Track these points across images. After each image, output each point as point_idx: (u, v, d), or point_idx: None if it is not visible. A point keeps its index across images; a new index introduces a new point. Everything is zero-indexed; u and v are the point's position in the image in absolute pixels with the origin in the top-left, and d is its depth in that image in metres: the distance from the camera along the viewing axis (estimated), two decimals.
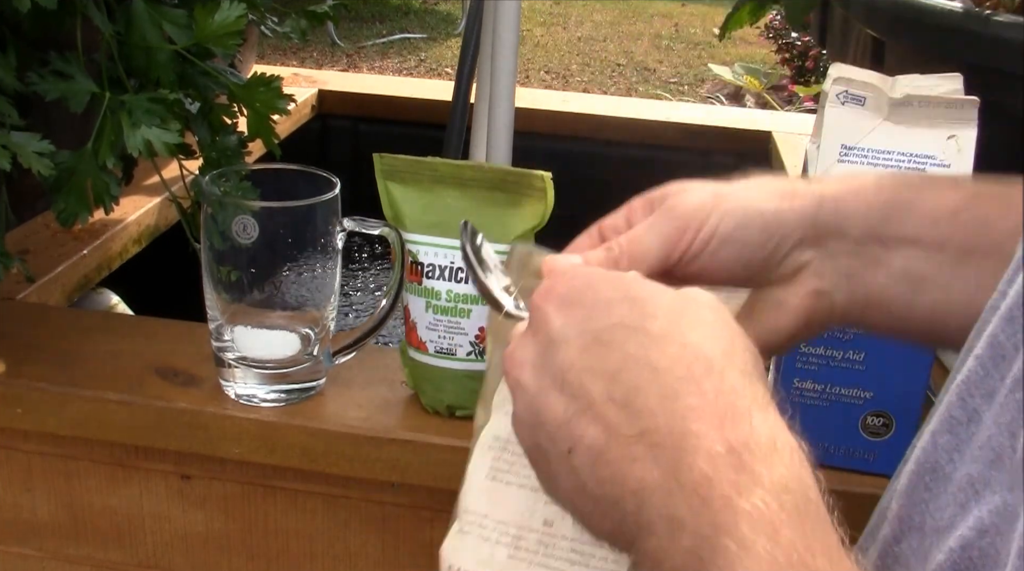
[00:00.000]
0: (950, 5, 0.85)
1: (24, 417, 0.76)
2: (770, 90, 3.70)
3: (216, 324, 0.72)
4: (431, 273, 0.70)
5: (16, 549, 0.83)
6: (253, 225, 0.68)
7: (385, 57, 5.27)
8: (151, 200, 1.08)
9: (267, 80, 0.80)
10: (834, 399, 0.68)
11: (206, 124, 0.81)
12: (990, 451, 0.33)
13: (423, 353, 0.72)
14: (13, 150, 0.69)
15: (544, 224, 0.69)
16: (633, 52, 5.72)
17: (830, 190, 0.50)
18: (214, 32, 0.75)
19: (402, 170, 0.71)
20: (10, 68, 0.72)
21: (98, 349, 0.79)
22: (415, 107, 1.48)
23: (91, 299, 1.01)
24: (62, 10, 0.71)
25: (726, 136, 1.44)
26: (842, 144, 0.62)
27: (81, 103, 0.74)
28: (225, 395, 0.74)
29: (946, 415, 0.37)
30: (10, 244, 0.79)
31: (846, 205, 0.49)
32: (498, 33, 0.96)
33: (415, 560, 0.77)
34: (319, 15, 0.90)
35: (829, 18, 1.08)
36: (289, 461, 0.73)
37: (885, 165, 0.61)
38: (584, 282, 0.43)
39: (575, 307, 0.42)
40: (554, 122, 1.46)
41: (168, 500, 0.79)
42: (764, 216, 0.50)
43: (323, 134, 1.52)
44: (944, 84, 0.63)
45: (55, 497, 0.80)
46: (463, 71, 1.06)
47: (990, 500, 0.31)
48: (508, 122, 0.98)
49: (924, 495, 0.38)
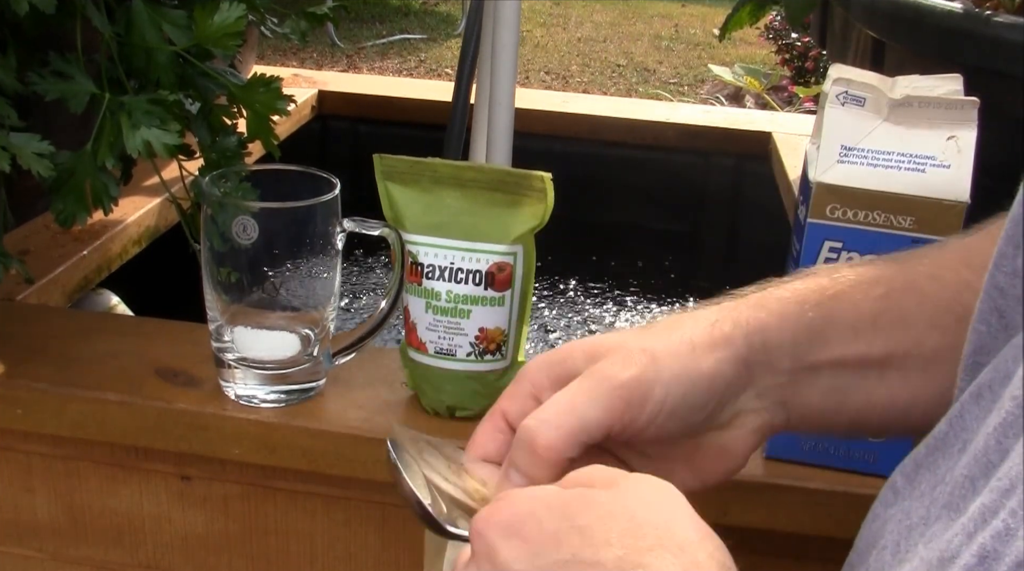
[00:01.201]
0: (950, 5, 0.85)
1: (24, 418, 0.76)
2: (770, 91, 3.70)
3: (216, 325, 0.72)
4: (431, 274, 0.70)
5: (16, 549, 0.83)
6: (253, 226, 0.68)
7: (385, 58, 5.27)
8: (151, 201, 1.08)
9: (267, 81, 0.80)
10: None
11: (206, 125, 0.81)
12: (1007, 481, 0.33)
13: (423, 354, 0.72)
14: (12, 151, 0.69)
15: (544, 224, 0.69)
16: (633, 53, 5.72)
17: (755, 321, 0.49)
18: (214, 33, 0.75)
19: (402, 171, 0.71)
20: (10, 69, 0.72)
21: (98, 350, 0.79)
22: (415, 108, 1.48)
23: (91, 300, 1.01)
24: (61, 11, 0.71)
25: (726, 137, 1.44)
26: (842, 145, 0.62)
27: (81, 104, 0.74)
28: (225, 396, 0.74)
29: (984, 459, 0.36)
30: (10, 245, 0.79)
31: (772, 337, 0.49)
32: (498, 34, 0.96)
33: (415, 560, 0.77)
34: (319, 16, 0.90)
35: (829, 19, 1.08)
36: (289, 462, 0.73)
37: (885, 165, 0.61)
38: (527, 510, 0.41)
39: (520, 539, 0.40)
40: (554, 123, 1.46)
41: (168, 501, 0.79)
42: (704, 378, 0.48)
43: (323, 135, 1.52)
44: (944, 85, 0.63)
45: (55, 498, 0.80)
46: (463, 72, 1.05)
47: (994, 526, 0.31)
48: (508, 123, 0.98)
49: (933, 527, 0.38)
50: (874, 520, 0.42)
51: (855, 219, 0.62)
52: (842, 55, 1.02)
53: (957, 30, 0.82)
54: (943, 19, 0.83)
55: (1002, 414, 0.35)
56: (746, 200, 1.46)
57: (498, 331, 0.71)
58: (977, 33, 0.80)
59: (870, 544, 0.41)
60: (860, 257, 0.62)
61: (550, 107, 1.47)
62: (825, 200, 0.62)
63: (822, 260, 0.63)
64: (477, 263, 0.70)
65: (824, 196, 0.62)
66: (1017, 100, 0.77)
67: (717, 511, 0.69)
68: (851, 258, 0.63)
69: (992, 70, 0.78)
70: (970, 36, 0.81)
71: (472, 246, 0.70)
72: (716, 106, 3.41)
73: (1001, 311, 0.38)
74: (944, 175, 0.60)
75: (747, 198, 1.45)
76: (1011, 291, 0.37)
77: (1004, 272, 0.38)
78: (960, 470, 0.36)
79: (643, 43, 5.93)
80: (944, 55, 0.82)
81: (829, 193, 0.61)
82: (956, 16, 0.83)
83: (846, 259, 0.63)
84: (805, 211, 0.63)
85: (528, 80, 5.07)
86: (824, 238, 0.63)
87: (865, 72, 0.64)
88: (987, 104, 0.60)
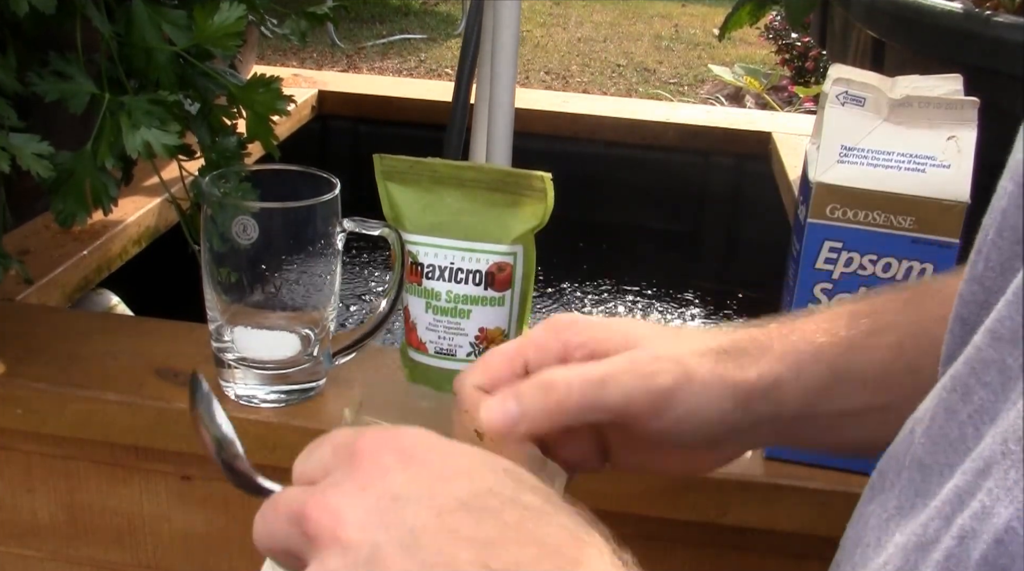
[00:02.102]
0: (950, 5, 0.85)
1: (24, 417, 0.76)
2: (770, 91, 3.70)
3: (216, 325, 0.72)
4: (431, 274, 0.70)
5: (16, 549, 0.83)
6: (253, 226, 0.68)
7: (385, 58, 5.27)
8: (151, 201, 1.08)
9: (267, 81, 0.80)
10: None
11: (206, 125, 0.81)
12: (982, 462, 0.33)
13: (423, 354, 0.72)
14: (12, 152, 0.69)
15: (544, 224, 0.69)
16: (633, 53, 5.72)
17: (774, 376, 0.51)
18: (214, 33, 0.75)
19: (402, 171, 0.71)
20: (10, 70, 0.72)
21: (98, 350, 0.79)
22: (415, 108, 1.48)
23: (91, 300, 1.01)
24: (61, 11, 0.71)
25: (726, 137, 1.44)
26: (842, 145, 0.62)
27: (81, 104, 0.74)
28: (225, 396, 0.74)
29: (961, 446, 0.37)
30: (10, 245, 0.79)
31: (786, 392, 0.51)
32: (498, 34, 0.96)
33: None
34: (319, 16, 0.90)
35: (829, 19, 1.08)
36: (289, 462, 0.73)
37: (885, 166, 0.61)
38: (431, 443, 0.38)
39: (422, 467, 0.37)
40: (554, 123, 1.46)
41: (168, 501, 0.79)
42: (717, 417, 0.50)
43: (323, 135, 1.52)
44: (944, 85, 0.63)
45: (55, 497, 0.80)
46: (463, 72, 1.05)
47: (972, 507, 0.31)
48: (508, 123, 0.98)
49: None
50: (857, 519, 0.42)
51: (855, 219, 0.62)
52: (842, 55, 1.02)
53: (957, 30, 0.82)
54: (943, 19, 0.83)
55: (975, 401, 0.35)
56: (746, 200, 1.46)
57: (498, 331, 0.71)
58: (977, 33, 0.80)
59: (855, 542, 0.41)
60: (860, 257, 0.63)
61: (550, 107, 1.47)
62: (825, 200, 0.62)
63: (822, 260, 0.63)
64: (477, 263, 0.70)
65: (824, 196, 0.62)
66: (1017, 100, 0.77)
67: (717, 511, 0.69)
68: (851, 258, 0.63)
69: (992, 70, 0.78)
70: (970, 36, 0.81)
71: (472, 246, 0.70)
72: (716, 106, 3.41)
73: (963, 318, 0.39)
74: (944, 175, 0.60)
75: (747, 198, 1.45)
76: (970, 297, 0.38)
77: (965, 280, 0.38)
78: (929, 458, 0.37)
79: (643, 43, 5.93)
80: (944, 55, 0.82)
81: (829, 193, 0.61)
82: (956, 16, 0.83)
83: (846, 259, 0.63)
84: (805, 211, 0.63)
85: (528, 80, 5.07)
86: (824, 238, 0.63)
87: (865, 72, 0.64)
88: (987, 104, 0.60)
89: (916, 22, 0.84)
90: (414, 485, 0.36)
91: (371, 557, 0.34)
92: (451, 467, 0.37)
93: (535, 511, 0.36)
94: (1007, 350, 0.32)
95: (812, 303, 0.64)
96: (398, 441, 0.38)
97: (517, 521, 0.35)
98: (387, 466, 0.37)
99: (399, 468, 0.37)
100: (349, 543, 0.35)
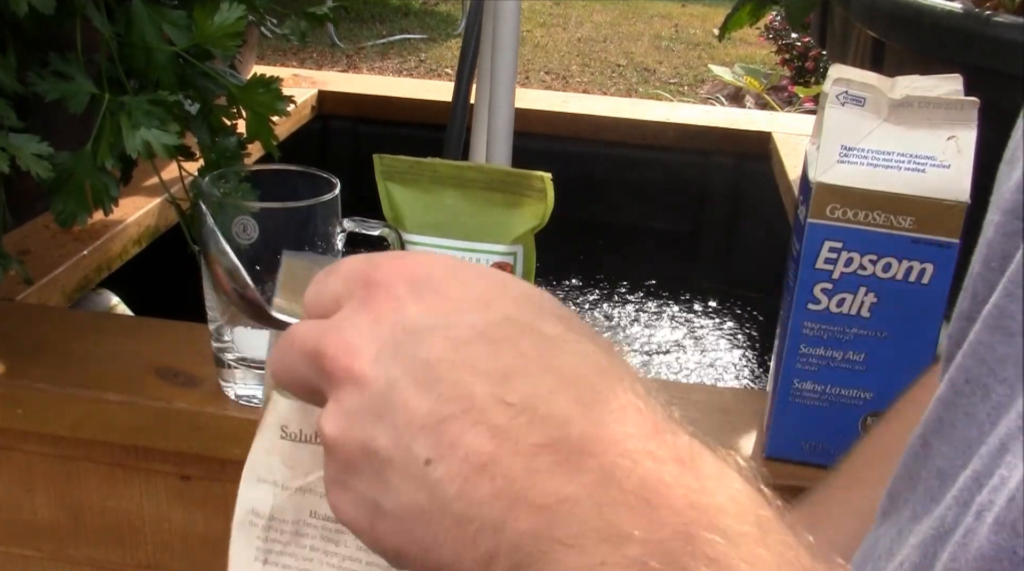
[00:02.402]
0: (950, 5, 0.85)
1: (24, 418, 0.76)
2: (770, 91, 3.70)
3: (216, 325, 0.72)
4: None
5: (16, 549, 0.83)
6: (253, 226, 0.68)
7: (385, 58, 5.27)
8: (151, 201, 1.08)
9: (267, 81, 0.80)
10: (834, 399, 0.68)
11: (206, 125, 0.81)
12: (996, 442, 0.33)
13: None
14: (12, 152, 0.69)
15: (544, 224, 0.69)
16: (633, 53, 5.72)
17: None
18: (214, 33, 0.75)
19: (402, 171, 0.71)
20: (10, 70, 0.72)
21: (98, 350, 0.79)
22: (415, 108, 1.48)
23: (91, 300, 1.01)
24: (61, 11, 0.71)
25: (726, 137, 1.44)
26: (842, 145, 0.62)
27: (81, 104, 0.74)
28: (225, 396, 0.74)
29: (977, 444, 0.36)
30: (10, 245, 0.79)
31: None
32: (498, 34, 0.96)
33: None
34: (319, 16, 0.90)
35: (829, 19, 1.08)
36: None
37: (885, 165, 0.61)
38: (446, 269, 0.36)
39: (437, 296, 0.35)
40: (554, 123, 1.46)
41: (168, 501, 0.79)
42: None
43: (323, 135, 1.52)
44: (944, 85, 0.63)
45: (55, 497, 0.80)
46: (463, 72, 1.05)
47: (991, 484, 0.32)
48: (508, 123, 0.98)
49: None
50: (867, 539, 0.42)
51: (855, 219, 0.62)
52: (842, 55, 1.02)
53: (957, 30, 0.82)
54: (943, 19, 0.83)
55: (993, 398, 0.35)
56: (746, 200, 1.46)
57: None
58: (977, 33, 0.80)
59: (867, 557, 0.41)
60: (860, 257, 0.63)
61: (550, 107, 1.47)
62: (825, 200, 0.62)
63: (822, 260, 0.63)
64: (477, 263, 0.70)
65: (824, 196, 0.62)
66: (1017, 100, 0.77)
67: None
68: (851, 258, 0.63)
69: (992, 70, 0.78)
70: (970, 36, 0.81)
71: (472, 246, 0.70)
72: (716, 106, 3.41)
73: (956, 339, 0.39)
74: (944, 175, 0.60)
75: (747, 198, 1.45)
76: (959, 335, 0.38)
77: (954, 319, 0.39)
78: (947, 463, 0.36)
79: (643, 43, 5.93)
80: (944, 55, 0.82)
81: (829, 193, 0.62)
82: (956, 16, 0.83)
83: (846, 259, 0.63)
84: (805, 211, 0.63)
85: (528, 80, 5.07)
86: (824, 238, 0.63)
87: (865, 72, 0.64)
88: (987, 104, 0.60)
89: (916, 22, 0.84)
90: (429, 316, 0.34)
91: (387, 393, 0.33)
92: (468, 295, 0.35)
93: (554, 339, 0.34)
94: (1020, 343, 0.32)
95: (812, 303, 0.64)
96: (412, 269, 0.36)
97: (535, 350, 0.33)
98: (401, 296, 0.35)
99: (413, 298, 0.35)
100: (365, 379, 0.34)
